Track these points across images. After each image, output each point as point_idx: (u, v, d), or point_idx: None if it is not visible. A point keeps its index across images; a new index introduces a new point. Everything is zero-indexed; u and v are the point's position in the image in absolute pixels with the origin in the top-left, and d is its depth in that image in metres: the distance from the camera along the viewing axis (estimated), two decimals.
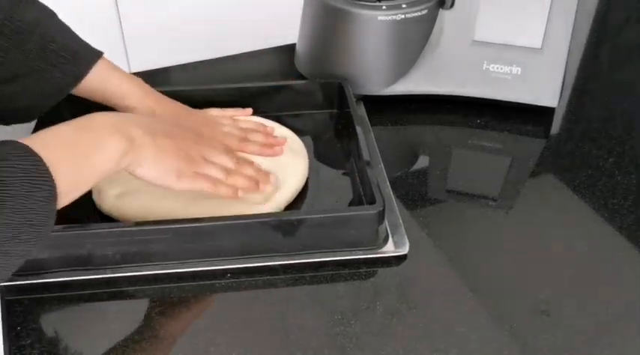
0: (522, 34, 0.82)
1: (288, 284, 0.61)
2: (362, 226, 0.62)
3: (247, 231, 0.61)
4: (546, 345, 0.56)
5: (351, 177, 0.73)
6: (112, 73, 0.69)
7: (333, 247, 0.63)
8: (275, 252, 0.62)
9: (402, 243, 0.64)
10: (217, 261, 0.62)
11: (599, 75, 0.99)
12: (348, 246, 0.63)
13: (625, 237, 0.67)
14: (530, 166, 0.78)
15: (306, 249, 0.63)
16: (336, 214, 0.63)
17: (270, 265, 0.62)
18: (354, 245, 0.63)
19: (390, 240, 0.64)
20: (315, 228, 0.62)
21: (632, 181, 0.74)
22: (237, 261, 0.62)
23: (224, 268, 0.62)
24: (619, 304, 0.60)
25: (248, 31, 0.99)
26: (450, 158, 0.80)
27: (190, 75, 0.95)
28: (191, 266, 0.61)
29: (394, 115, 0.85)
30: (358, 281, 0.61)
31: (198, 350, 0.55)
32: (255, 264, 0.62)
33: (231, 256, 0.62)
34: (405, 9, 0.81)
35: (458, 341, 0.56)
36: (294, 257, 0.62)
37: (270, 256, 0.62)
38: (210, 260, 0.62)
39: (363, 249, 0.63)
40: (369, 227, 0.63)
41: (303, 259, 0.62)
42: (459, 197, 0.73)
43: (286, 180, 0.69)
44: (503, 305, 0.60)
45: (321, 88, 0.83)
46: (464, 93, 0.86)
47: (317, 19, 0.87)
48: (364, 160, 0.67)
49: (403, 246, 0.64)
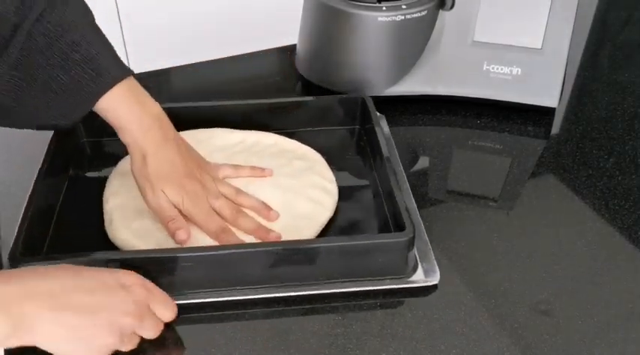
0: (522, 34, 0.82)
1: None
2: (390, 254, 0.60)
3: (272, 259, 0.58)
4: (546, 345, 0.56)
5: (376, 198, 0.70)
6: (124, 101, 0.62)
7: (360, 276, 0.60)
8: (300, 281, 0.60)
9: (433, 272, 0.61)
10: (242, 290, 0.59)
11: (599, 75, 0.99)
12: (375, 275, 0.60)
13: (625, 238, 0.67)
14: (531, 167, 0.78)
15: (331, 278, 0.60)
16: (363, 242, 0.60)
17: (296, 295, 0.60)
18: (381, 273, 0.60)
19: (420, 268, 0.62)
20: (342, 255, 0.59)
21: (633, 181, 0.74)
22: (263, 291, 0.59)
23: (252, 297, 0.59)
24: (619, 304, 0.60)
25: (248, 32, 1.00)
26: (450, 158, 0.80)
27: (190, 76, 0.95)
28: (215, 296, 0.59)
29: (394, 116, 0.85)
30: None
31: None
32: (281, 294, 0.60)
33: (256, 285, 0.59)
34: (405, 10, 0.81)
35: (458, 341, 0.56)
36: (320, 287, 0.60)
37: (295, 286, 0.60)
38: (235, 289, 0.59)
39: (391, 277, 0.60)
40: (398, 255, 0.60)
41: (328, 289, 0.60)
42: (459, 197, 0.73)
43: (311, 224, 0.65)
44: (504, 305, 0.60)
45: (340, 104, 0.80)
46: (464, 93, 0.86)
47: (317, 20, 0.87)
48: (392, 183, 0.64)
49: (434, 274, 0.61)
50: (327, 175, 0.71)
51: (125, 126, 0.62)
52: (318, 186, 0.69)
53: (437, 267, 0.62)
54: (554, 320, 0.58)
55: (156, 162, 0.62)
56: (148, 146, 0.62)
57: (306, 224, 0.65)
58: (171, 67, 0.96)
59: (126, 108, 0.62)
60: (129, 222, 0.64)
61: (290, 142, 0.76)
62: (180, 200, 0.62)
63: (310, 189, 0.69)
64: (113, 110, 0.62)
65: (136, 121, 0.62)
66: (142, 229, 0.64)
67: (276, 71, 0.98)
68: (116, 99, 0.61)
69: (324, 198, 0.68)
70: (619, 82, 0.95)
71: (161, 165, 0.62)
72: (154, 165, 0.62)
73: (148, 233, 0.63)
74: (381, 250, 0.59)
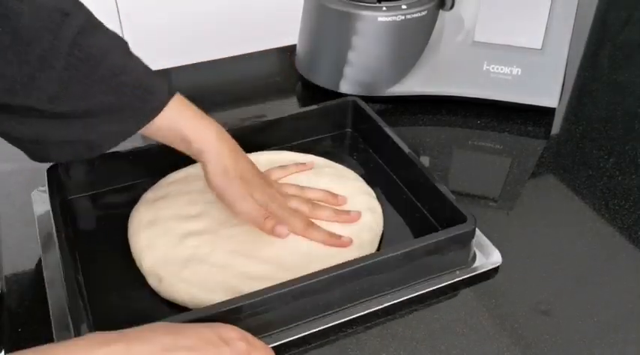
0: (522, 34, 0.82)
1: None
2: (455, 247, 0.60)
3: (352, 278, 0.57)
4: (546, 345, 0.56)
5: (401, 197, 0.70)
6: (187, 113, 0.61)
7: (429, 274, 0.60)
8: (378, 293, 0.59)
9: (491, 253, 0.63)
10: (324, 317, 0.58)
11: (599, 75, 0.99)
12: (442, 270, 0.61)
13: (625, 238, 0.67)
14: (531, 167, 0.78)
15: (405, 283, 0.60)
16: (434, 240, 0.59)
17: (376, 310, 0.59)
18: (449, 267, 0.61)
19: (478, 254, 0.63)
20: (414, 259, 0.59)
21: (633, 182, 0.74)
22: (345, 313, 0.58)
23: (336, 323, 0.57)
24: (619, 304, 0.60)
25: (248, 32, 1.00)
26: (450, 159, 0.80)
27: (191, 76, 0.95)
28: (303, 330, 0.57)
29: (394, 116, 0.85)
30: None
31: None
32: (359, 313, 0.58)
33: (338, 308, 0.58)
34: (405, 10, 0.81)
35: (458, 341, 0.56)
36: (397, 293, 0.59)
37: (373, 299, 0.59)
38: (318, 317, 0.57)
39: (458, 268, 0.61)
40: (462, 246, 0.61)
41: (404, 296, 0.59)
42: (459, 197, 0.72)
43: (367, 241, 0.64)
44: (504, 305, 0.60)
45: (330, 110, 0.79)
46: (464, 94, 0.86)
47: (317, 20, 0.87)
48: (430, 178, 0.65)
49: (493, 254, 0.63)
50: (365, 188, 0.71)
51: (199, 136, 0.61)
52: (366, 195, 0.69)
53: (494, 247, 0.63)
54: (554, 320, 0.58)
55: (239, 168, 0.62)
56: (227, 153, 0.62)
57: (366, 238, 0.64)
58: (171, 67, 0.96)
59: (192, 119, 0.61)
60: (178, 272, 0.60)
61: (322, 160, 0.74)
62: (267, 203, 0.63)
63: (360, 195, 0.69)
64: (176, 123, 0.60)
65: (209, 130, 0.62)
66: (194, 275, 0.60)
67: (276, 71, 0.98)
68: (179, 113, 0.60)
69: (372, 213, 0.67)
70: (619, 82, 0.95)
71: (244, 171, 0.63)
72: (239, 172, 0.62)
73: (201, 276, 0.60)
74: (451, 245, 0.60)
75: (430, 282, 0.60)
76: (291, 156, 0.75)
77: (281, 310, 0.55)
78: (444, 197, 0.64)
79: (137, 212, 0.67)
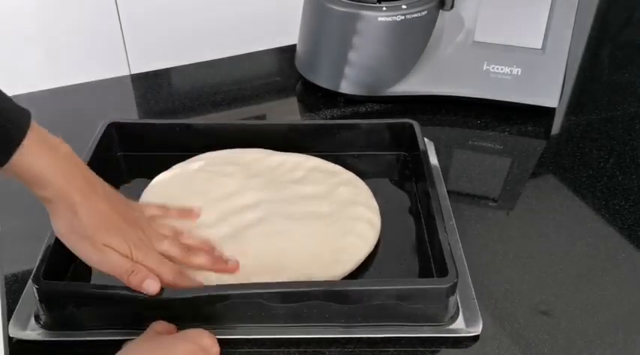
0: (522, 34, 0.82)
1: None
2: (430, 301, 0.55)
3: (304, 299, 0.55)
4: (546, 345, 0.56)
5: (418, 234, 0.66)
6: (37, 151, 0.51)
7: (397, 320, 0.56)
8: (331, 322, 0.56)
9: (475, 321, 0.57)
10: (267, 328, 0.56)
11: (599, 75, 0.99)
12: (412, 321, 0.56)
13: (625, 238, 0.67)
14: (531, 167, 0.78)
15: (365, 321, 0.56)
16: (401, 287, 0.55)
17: (327, 337, 0.56)
18: (421, 320, 0.56)
19: (461, 315, 0.57)
20: (378, 300, 0.55)
21: (633, 182, 0.74)
22: (291, 331, 0.56)
23: (279, 337, 0.56)
24: (619, 304, 0.60)
25: (248, 32, 0.99)
26: (450, 158, 0.80)
27: (191, 76, 0.95)
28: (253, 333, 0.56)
29: (395, 116, 0.85)
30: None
31: None
32: (310, 335, 0.56)
33: (283, 323, 0.56)
34: (405, 10, 0.81)
35: (458, 341, 0.56)
36: (352, 329, 0.56)
37: (325, 326, 0.56)
38: (265, 326, 0.56)
39: (430, 324, 0.56)
40: (438, 302, 0.55)
41: (360, 334, 0.56)
42: (459, 197, 0.73)
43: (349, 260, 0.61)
44: (504, 305, 0.60)
45: (387, 128, 0.75)
46: (464, 93, 0.86)
47: (317, 20, 0.87)
48: (436, 223, 0.60)
49: (475, 324, 0.57)
50: (371, 205, 0.67)
51: (47, 180, 0.51)
52: (363, 218, 0.65)
53: (480, 317, 0.57)
54: (554, 320, 0.58)
55: (88, 212, 0.53)
56: (75, 195, 0.52)
57: (344, 259, 0.61)
58: (171, 67, 0.96)
59: (44, 158, 0.51)
60: None
61: (333, 167, 0.72)
62: (128, 250, 0.54)
63: (353, 221, 0.64)
64: (28, 165, 0.51)
65: (57, 171, 0.52)
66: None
67: (276, 71, 0.98)
68: (29, 152, 0.50)
69: (367, 232, 0.64)
70: (619, 82, 0.95)
71: (94, 215, 0.53)
72: (88, 217, 0.53)
73: None
74: (420, 296, 0.55)
75: (388, 329, 0.56)
76: (319, 163, 0.71)
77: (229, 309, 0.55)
78: (440, 244, 0.59)
79: None
